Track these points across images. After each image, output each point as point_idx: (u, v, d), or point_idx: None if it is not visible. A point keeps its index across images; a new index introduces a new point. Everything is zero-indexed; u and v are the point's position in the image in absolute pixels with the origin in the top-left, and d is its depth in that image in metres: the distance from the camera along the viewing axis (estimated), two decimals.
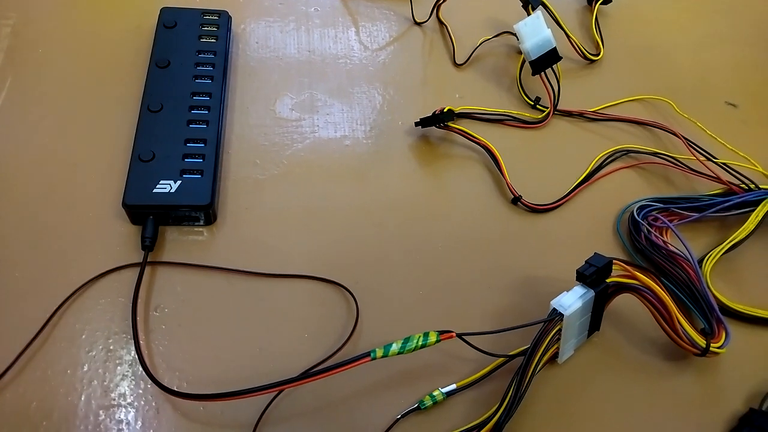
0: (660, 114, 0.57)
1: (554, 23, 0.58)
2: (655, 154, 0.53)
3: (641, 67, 0.61)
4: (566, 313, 0.37)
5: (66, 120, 0.48)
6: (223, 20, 0.53)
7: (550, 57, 0.53)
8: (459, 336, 0.38)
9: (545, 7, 0.57)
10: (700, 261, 0.46)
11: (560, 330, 0.38)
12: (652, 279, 0.39)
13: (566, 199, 0.50)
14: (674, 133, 0.53)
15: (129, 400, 0.37)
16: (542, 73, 0.54)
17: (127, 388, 0.38)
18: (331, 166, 0.49)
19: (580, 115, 0.56)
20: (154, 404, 0.37)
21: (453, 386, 0.39)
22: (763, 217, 0.49)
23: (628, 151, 0.54)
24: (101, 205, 0.44)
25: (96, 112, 0.49)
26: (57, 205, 0.44)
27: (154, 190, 0.42)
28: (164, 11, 0.53)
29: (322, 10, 0.60)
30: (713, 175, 0.50)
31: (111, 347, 0.39)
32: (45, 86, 0.50)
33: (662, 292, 0.39)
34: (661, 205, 0.49)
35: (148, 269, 0.42)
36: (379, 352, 0.36)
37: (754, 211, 0.49)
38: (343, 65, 0.56)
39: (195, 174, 0.43)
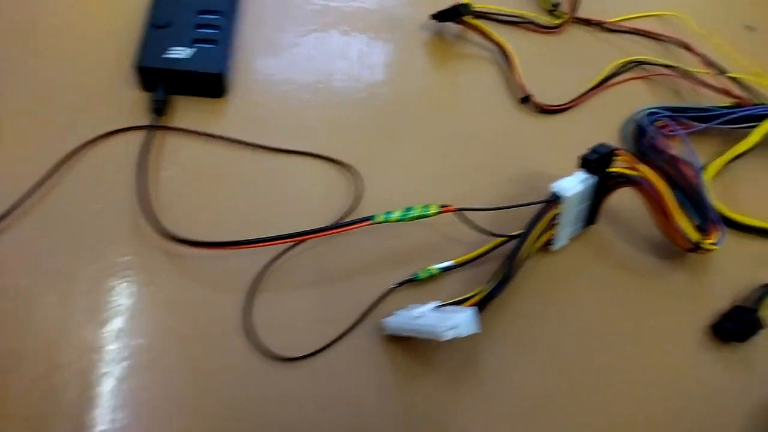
0: (677, 30, 0.56)
1: None
2: (668, 66, 0.53)
3: None
4: (565, 195, 0.38)
5: None
6: None
7: None
8: (459, 210, 0.39)
9: None
10: (703, 168, 0.47)
11: (558, 214, 0.39)
12: (653, 172, 0.40)
13: (575, 102, 0.50)
14: (689, 48, 0.53)
15: (132, 251, 0.39)
16: None
17: (131, 239, 0.39)
18: (346, 50, 0.49)
19: (598, 25, 0.56)
20: (159, 254, 0.39)
21: (450, 262, 0.40)
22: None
23: (641, 62, 0.53)
24: (115, 68, 0.45)
25: None
26: (71, 63, 0.45)
27: (167, 55, 0.43)
28: None
29: None
30: (723, 88, 0.50)
31: (117, 201, 0.40)
32: None
33: (662, 184, 0.39)
34: (670, 113, 0.49)
35: (157, 135, 0.43)
36: (380, 217, 0.37)
37: (759, 125, 0.49)
38: None
39: (209, 43, 0.43)
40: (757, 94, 0.50)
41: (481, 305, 0.36)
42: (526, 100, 0.49)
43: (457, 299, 0.38)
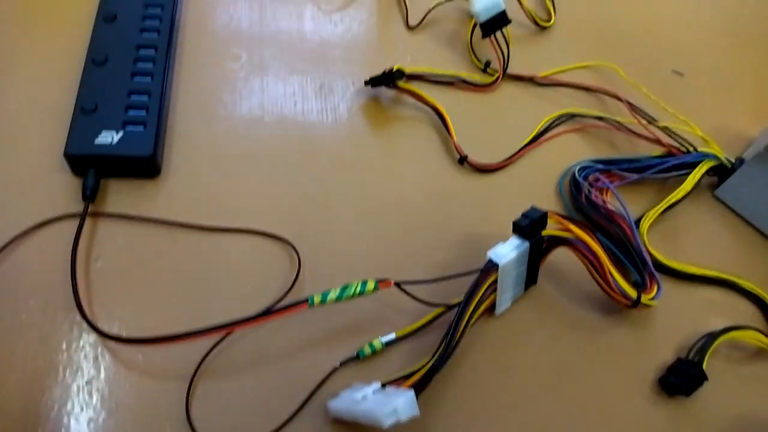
0: (607, 80, 0.58)
1: None
2: (599, 118, 0.54)
3: (591, 35, 0.62)
4: (501, 262, 0.38)
5: (10, 72, 0.48)
6: None
7: (500, 20, 0.54)
8: (397, 284, 0.38)
9: None
10: (638, 220, 0.48)
11: (496, 280, 0.39)
12: (586, 231, 0.40)
13: (511, 160, 0.51)
14: (618, 98, 0.55)
15: (67, 348, 0.37)
16: (492, 36, 0.55)
17: (65, 336, 0.38)
18: (279, 122, 0.49)
19: (530, 80, 0.57)
20: (92, 352, 0.38)
21: (392, 336, 0.40)
22: (700, 179, 0.50)
23: (573, 115, 0.55)
24: (43, 156, 0.44)
25: (41, 64, 0.48)
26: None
27: (96, 141, 0.42)
28: None
29: None
30: (654, 137, 0.51)
31: (49, 296, 0.39)
32: None
33: (595, 244, 0.40)
34: (602, 166, 0.50)
35: (89, 221, 0.42)
36: (317, 299, 0.36)
37: (691, 173, 0.50)
38: (296, 25, 0.56)
39: (137, 125, 0.43)
40: (687, 140, 0.52)
41: (424, 381, 0.36)
42: (462, 161, 0.50)
43: (400, 376, 0.37)
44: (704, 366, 0.41)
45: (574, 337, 0.43)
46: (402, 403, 0.32)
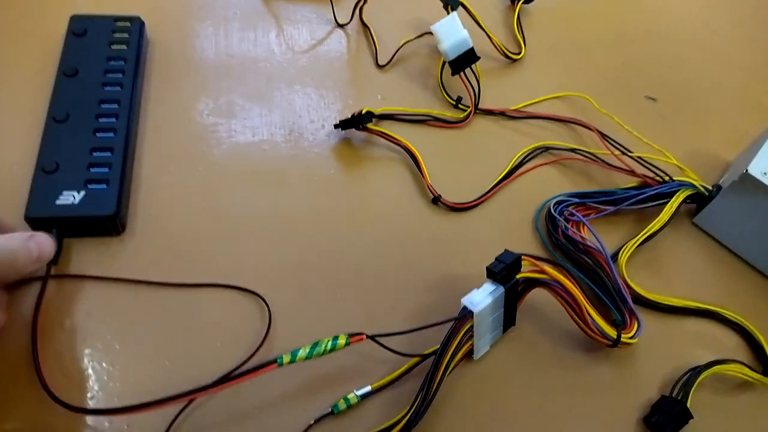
0: (579, 110, 0.57)
1: (474, 23, 0.58)
2: (573, 150, 0.53)
3: (562, 66, 0.62)
4: (476, 310, 0.37)
5: None
6: (135, 26, 0.52)
7: (468, 57, 0.54)
8: (370, 337, 0.37)
9: (464, 7, 0.57)
10: (616, 253, 0.47)
11: (471, 327, 0.38)
12: (561, 273, 0.40)
13: (486, 197, 0.50)
14: (591, 129, 0.54)
15: (30, 422, 0.36)
16: (462, 73, 0.54)
17: (27, 408, 0.36)
18: (249, 171, 0.49)
19: (501, 114, 0.56)
20: (57, 425, 0.36)
21: (368, 388, 0.39)
22: (677, 208, 0.50)
23: (547, 147, 0.54)
24: (5, 218, 0.43)
25: (0, 123, 0.47)
26: None
27: (57, 202, 0.41)
28: (74, 19, 0.51)
29: (242, 12, 0.59)
30: (628, 168, 0.51)
31: (10, 366, 0.38)
32: None
33: (571, 284, 0.39)
34: (577, 199, 0.49)
35: (53, 283, 0.41)
36: (286, 359, 0.35)
37: (668, 202, 0.49)
38: (263, 68, 0.55)
39: (100, 184, 0.42)
40: (662, 170, 0.51)
41: None
42: (436, 200, 0.49)
43: (377, 430, 0.36)
44: (689, 403, 0.40)
45: (555, 377, 0.42)
46: None
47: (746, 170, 0.45)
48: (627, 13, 0.69)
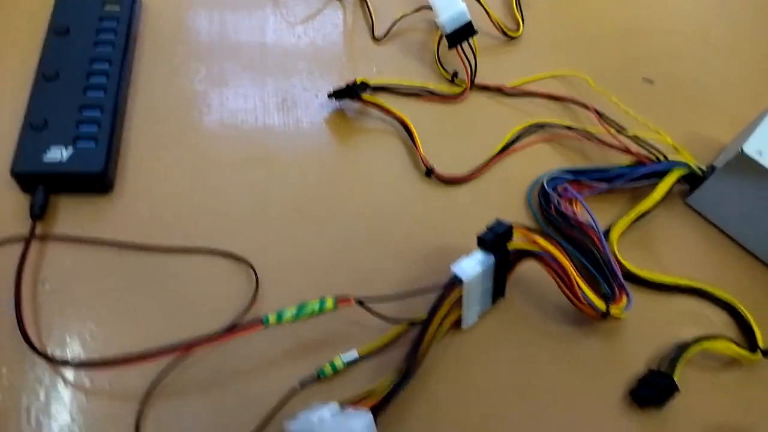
0: (576, 90, 0.57)
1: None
2: (569, 128, 0.53)
3: (560, 45, 0.61)
4: (465, 277, 0.37)
5: None
6: None
7: (466, 30, 0.53)
8: (359, 302, 0.37)
9: None
10: (608, 230, 0.47)
11: (461, 295, 0.38)
12: (552, 244, 0.39)
13: (479, 171, 0.50)
14: (587, 107, 0.54)
15: (13, 375, 0.36)
16: (459, 47, 0.54)
17: (9, 362, 0.36)
18: (239, 138, 0.48)
19: (498, 90, 0.56)
20: (40, 379, 0.36)
21: (355, 354, 0.39)
22: (671, 187, 0.49)
23: (542, 125, 0.54)
24: None
25: None
26: None
27: (45, 158, 0.41)
28: None
29: None
30: (623, 147, 0.51)
31: None
32: None
33: (562, 256, 0.39)
34: (571, 176, 0.49)
35: (38, 242, 0.40)
36: (273, 318, 0.35)
37: (662, 181, 0.49)
38: (257, 38, 0.55)
39: (89, 141, 0.42)
40: (658, 149, 0.51)
41: (385, 401, 0.35)
42: (429, 173, 0.48)
43: (360, 396, 0.36)
44: (676, 377, 0.40)
45: (543, 349, 0.42)
46: (359, 427, 0.31)
47: (741, 149, 0.45)
48: None
